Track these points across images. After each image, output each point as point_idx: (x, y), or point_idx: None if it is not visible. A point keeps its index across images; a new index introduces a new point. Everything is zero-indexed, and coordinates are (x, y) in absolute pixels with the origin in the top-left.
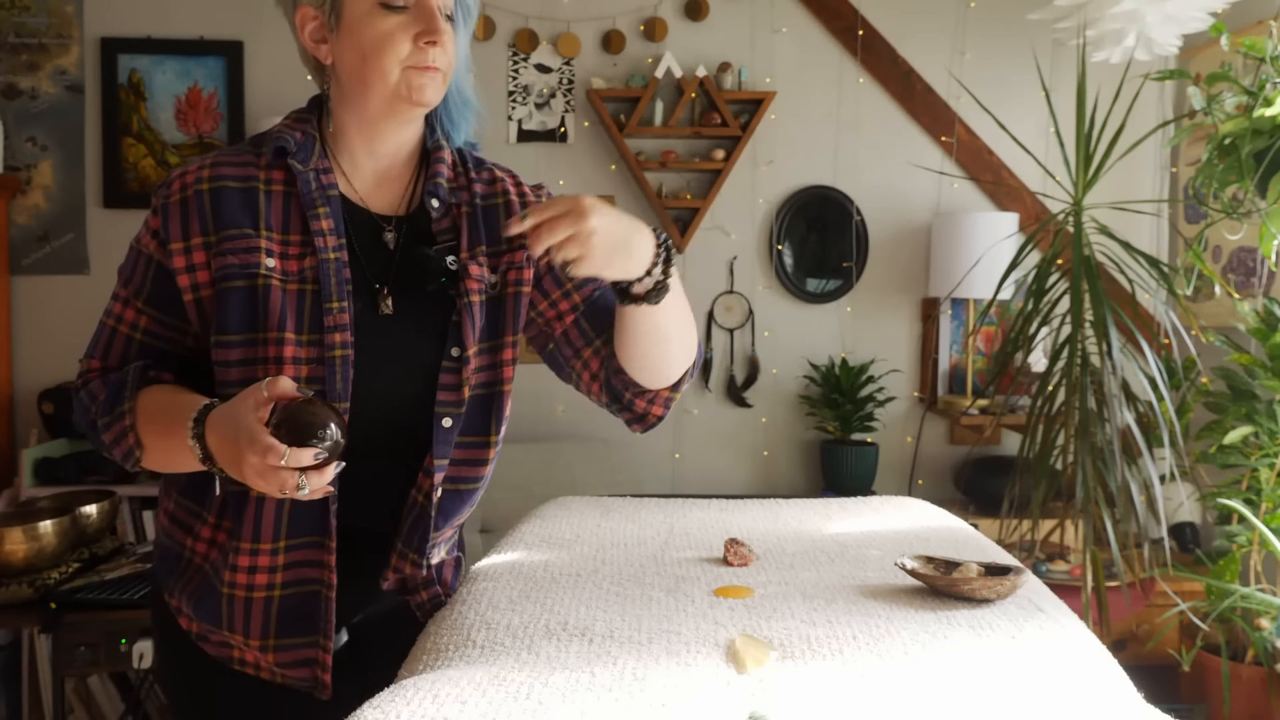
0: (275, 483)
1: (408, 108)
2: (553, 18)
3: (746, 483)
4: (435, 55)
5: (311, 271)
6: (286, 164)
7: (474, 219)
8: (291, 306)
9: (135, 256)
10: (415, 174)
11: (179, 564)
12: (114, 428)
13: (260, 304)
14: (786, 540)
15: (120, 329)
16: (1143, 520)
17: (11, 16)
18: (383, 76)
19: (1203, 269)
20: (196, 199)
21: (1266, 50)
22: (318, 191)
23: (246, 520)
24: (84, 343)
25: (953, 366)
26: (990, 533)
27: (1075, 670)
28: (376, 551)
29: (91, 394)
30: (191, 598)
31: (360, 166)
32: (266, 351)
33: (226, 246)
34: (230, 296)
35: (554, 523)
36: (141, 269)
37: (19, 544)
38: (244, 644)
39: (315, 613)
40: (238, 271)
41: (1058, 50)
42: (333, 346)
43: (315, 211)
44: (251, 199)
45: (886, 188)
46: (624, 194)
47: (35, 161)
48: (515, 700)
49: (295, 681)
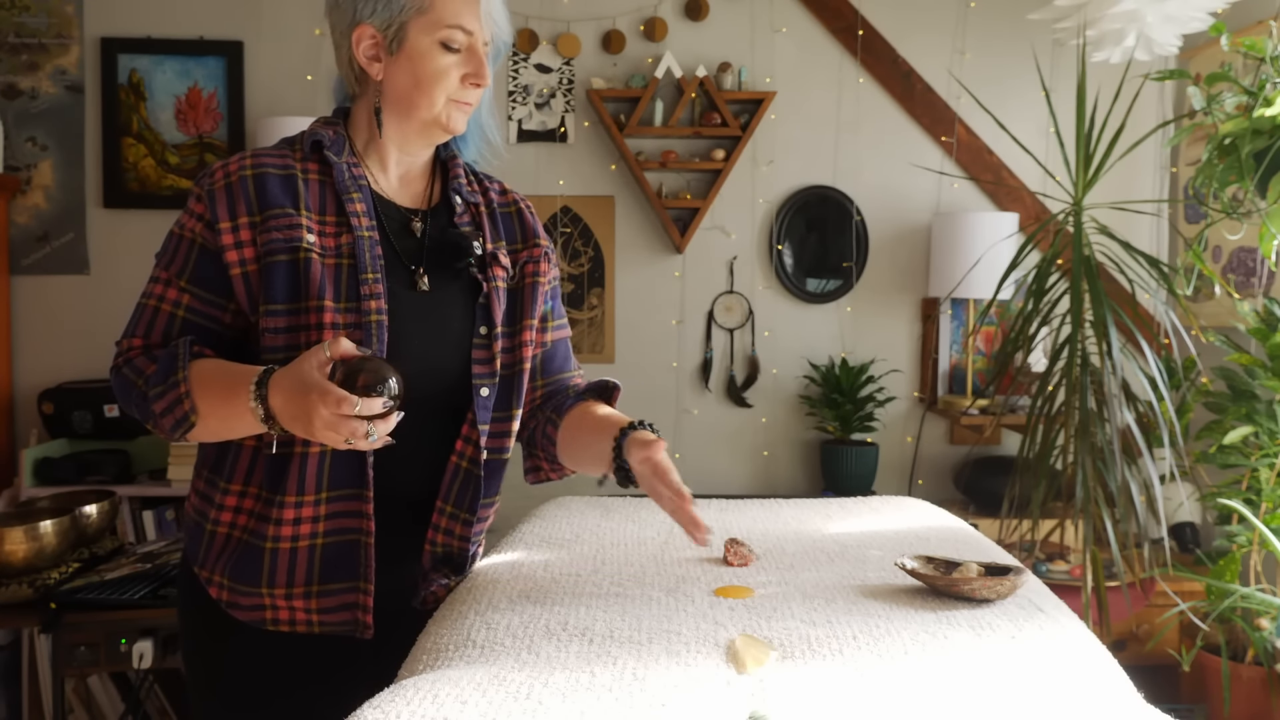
0: (345, 431)
1: (441, 133)
2: (553, 18)
3: (746, 483)
4: (475, 94)
5: (348, 248)
6: (322, 156)
7: (494, 219)
8: (330, 278)
9: (176, 241)
10: (432, 177)
11: (205, 536)
12: (167, 396)
13: (302, 275)
14: (786, 540)
15: (163, 307)
16: (1143, 520)
17: (11, 16)
18: (430, 104)
19: (1203, 269)
20: (241, 184)
21: (1266, 50)
22: (350, 180)
23: (290, 476)
24: (84, 343)
25: (953, 366)
26: (990, 533)
27: (1075, 670)
28: (415, 520)
29: (137, 369)
30: (227, 563)
31: (387, 167)
32: (308, 319)
33: (271, 224)
34: (276, 269)
35: (554, 523)
36: (184, 251)
37: (19, 544)
38: (287, 595)
39: (356, 559)
40: (282, 246)
41: (1058, 50)
42: (369, 313)
43: (350, 196)
44: (291, 184)
45: (886, 188)
46: (624, 194)
47: (35, 161)
48: (515, 700)
49: (336, 627)
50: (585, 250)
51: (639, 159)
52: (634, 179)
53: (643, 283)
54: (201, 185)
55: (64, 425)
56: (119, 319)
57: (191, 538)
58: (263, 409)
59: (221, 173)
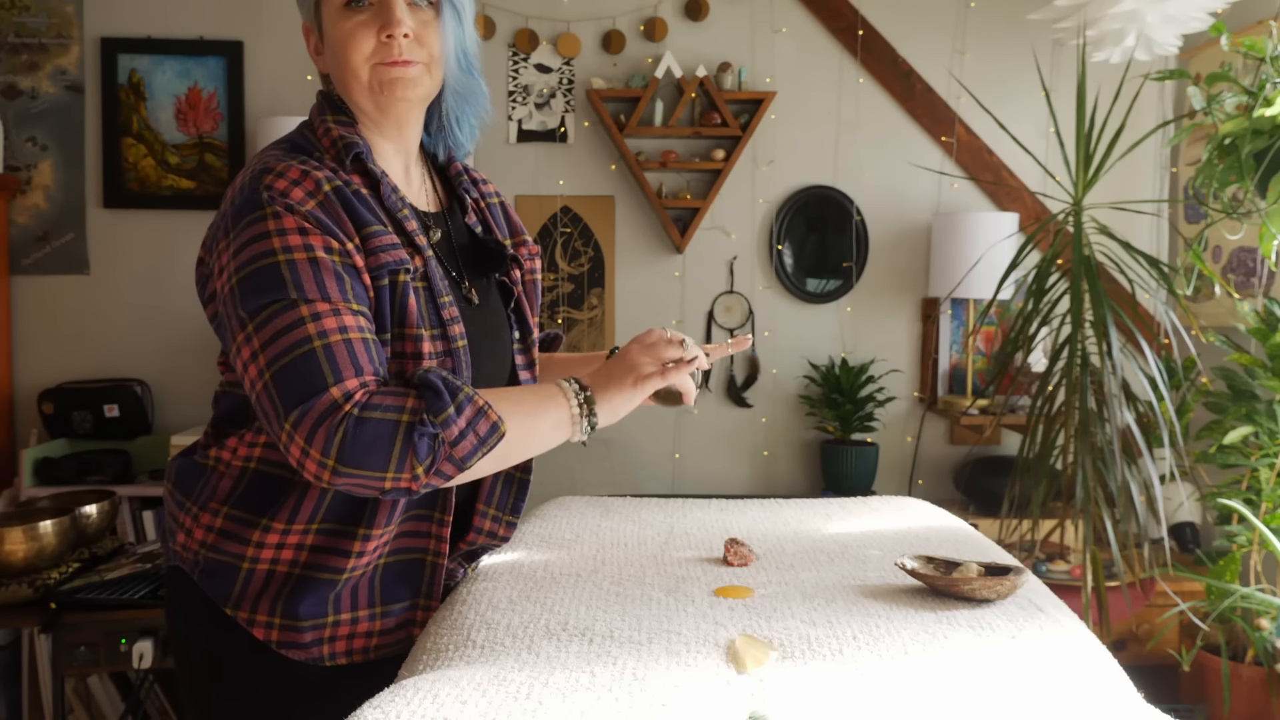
0: (666, 350)
1: (391, 103)
2: (553, 18)
3: (746, 483)
4: (404, 49)
5: (420, 270)
6: (364, 168)
7: (492, 213)
8: (422, 303)
9: (310, 267)
10: (425, 171)
11: (241, 575)
12: (466, 410)
13: (398, 301)
14: (786, 540)
15: (353, 336)
16: (1143, 520)
17: (11, 16)
18: (355, 76)
19: (1203, 269)
20: (327, 201)
21: (1266, 50)
22: (392, 192)
23: (380, 509)
24: (84, 343)
25: (953, 366)
26: (990, 533)
27: (1075, 670)
28: (456, 527)
29: (394, 402)
30: (283, 600)
31: (392, 166)
32: (404, 347)
33: (373, 245)
34: (380, 296)
35: (554, 523)
36: (332, 273)
37: (19, 544)
38: (352, 620)
39: (419, 578)
40: (393, 268)
41: (1058, 50)
42: (454, 339)
43: (403, 213)
44: (362, 199)
45: (886, 188)
46: (624, 194)
47: (35, 161)
48: (515, 700)
49: (391, 649)
50: (585, 250)
51: (639, 159)
52: (634, 179)
53: (643, 283)
54: (282, 203)
55: (64, 425)
56: (119, 319)
57: (217, 579)
58: (583, 405)
59: (300, 191)
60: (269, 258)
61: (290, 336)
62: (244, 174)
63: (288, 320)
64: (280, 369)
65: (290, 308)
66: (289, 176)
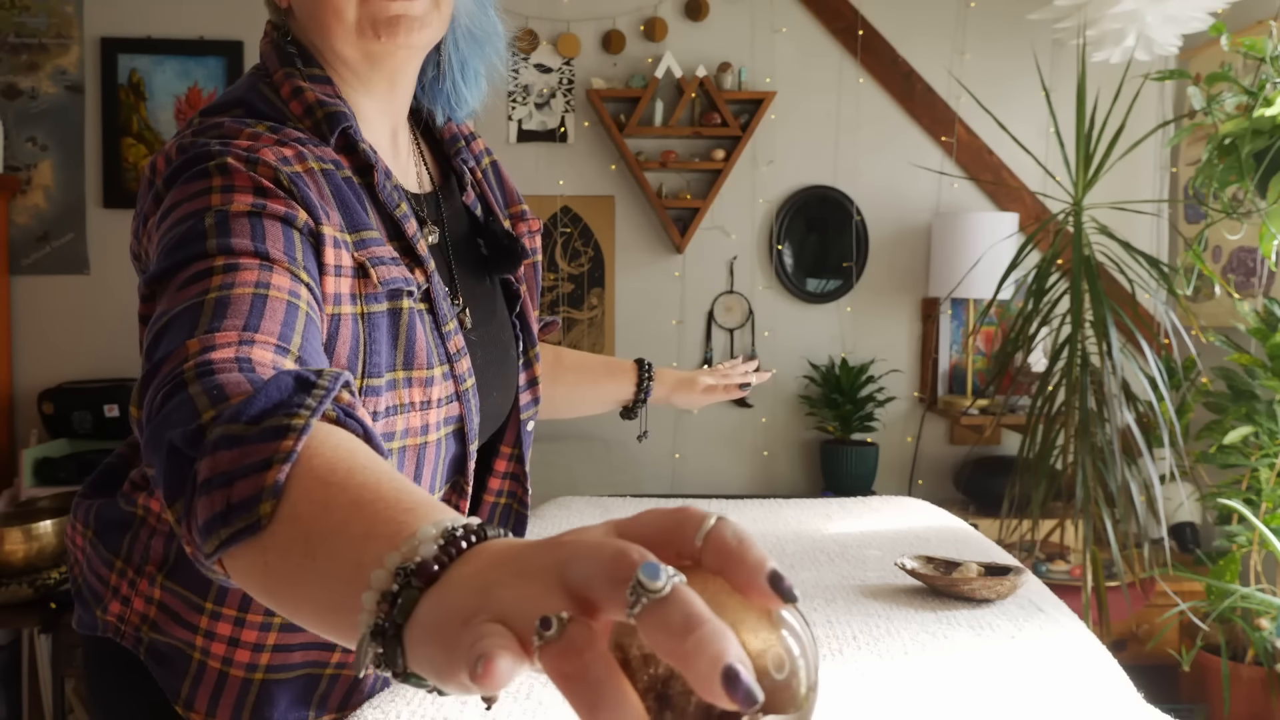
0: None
1: (388, 50)
2: (553, 18)
3: (746, 483)
4: None
5: (421, 288)
6: (352, 147)
7: (488, 182)
8: (430, 336)
9: (247, 221)
10: (412, 137)
11: (192, 668)
12: (243, 446)
13: (404, 334)
14: (786, 540)
15: (274, 295)
16: (1143, 520)
17: (11, 16)
18: (337, 15)
19: (1203, 269)
20: (316, 180)
21: (1266, 50)
22: (384, 178)
23: None
24: (84, 343)
25: (953, 366)
26: (990, 533)
27: (1075, 670)
28: None
29: (218, 385)
30: (250, 710)
31: (378, 135)
32: (413, 395)
33: (369, 253)
34: (378, 325)
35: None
36: (279, 231)
37: (19, 544)
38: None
39: None
40: (394, 289)
41: (1058, 50)
42: (464, 378)
43: (400, 210)
44: (355, 191)
45: (886, 188)
46: (624, 194)
47: (35, 161)
48: (515, 700)
49: None
50: (585, 250)
51: (639, 159)
52: (634, 179)
53: (643, 283)
54: (247, 159)
55: (64, 425)
56: (119, 319)
57: (165, 666)
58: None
59: (272, 153)
60: (195, 218)
61: (184, 294)
62: (176, 140)
63: (190, 273)
64: (158, 331)
65: (199, 259)
66: (259, 137)
